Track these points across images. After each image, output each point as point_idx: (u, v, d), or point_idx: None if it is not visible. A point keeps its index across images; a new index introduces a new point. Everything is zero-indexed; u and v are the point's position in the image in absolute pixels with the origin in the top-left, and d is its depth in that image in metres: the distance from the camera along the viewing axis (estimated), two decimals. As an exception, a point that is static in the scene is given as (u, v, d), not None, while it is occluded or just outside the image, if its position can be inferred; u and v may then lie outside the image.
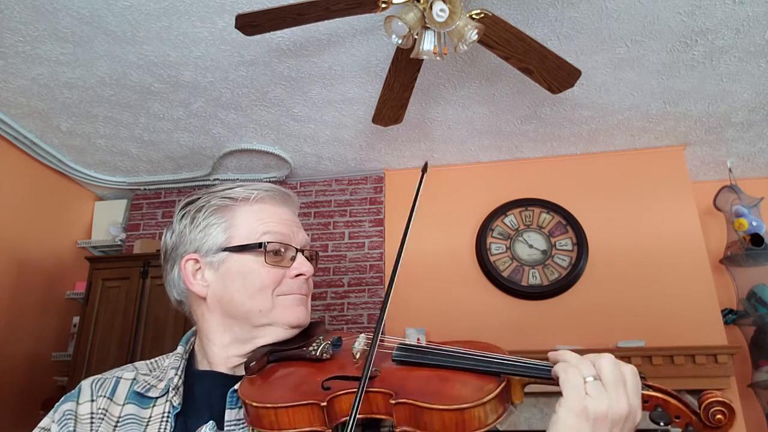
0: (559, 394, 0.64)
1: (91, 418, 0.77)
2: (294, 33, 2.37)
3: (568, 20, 2.30)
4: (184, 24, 2.32)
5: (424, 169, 0.74)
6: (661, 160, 3.36)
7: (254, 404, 0.69)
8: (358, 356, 0.76)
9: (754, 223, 3.16)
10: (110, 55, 2.52)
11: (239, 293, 0.81)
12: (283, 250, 0.83)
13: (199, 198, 0.87)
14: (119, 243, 3.81)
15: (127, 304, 3.13)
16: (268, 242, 0.81)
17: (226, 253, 0.82)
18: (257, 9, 1.93)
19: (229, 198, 0.85)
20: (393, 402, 0.65)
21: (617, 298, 3.13)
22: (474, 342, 0.77)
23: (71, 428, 0.76)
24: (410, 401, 0.65)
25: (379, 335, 0.70)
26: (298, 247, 0.85)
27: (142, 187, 3.86)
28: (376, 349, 0.69)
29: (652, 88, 2.78)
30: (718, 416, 0.63)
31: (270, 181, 4.05)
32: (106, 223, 3.88)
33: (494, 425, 0.64)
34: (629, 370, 0.64)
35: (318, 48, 2.48)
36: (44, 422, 0.79)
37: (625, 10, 2.25)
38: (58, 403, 0.80)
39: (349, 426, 0.60)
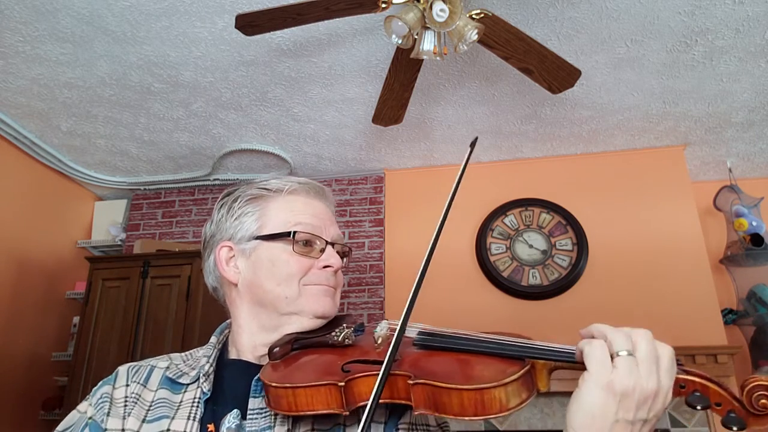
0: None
1: (125, 401, 0.80)
2: (294, 33, 2.37)
3: (568, 20, 2.30)
4: (184, 24, 2.32)
5: (473, 144, 0.73)
6: (661, 160, 3.36)
7: (273, 384, 0.69)
8: (380, 341, 0.76)
9: (754, 223, 3.16)
10: (110, 55, 2.52)
11: (267, 280, 0.83)
12: (312, 241, 0.85)
13: (237, 189, 0.91)
14: (119, 243, 3.81)
15: (127, 304, 3.13)
16: (297, 232, 0.84)
17: (258, 241, 0.85)
18: (257, 9, 1.93)
19: (264, 188, 0.88)
20: (411, 383, 0.64)
21: (617, 298, 3.13)
22: (502, 332, 0.75)
23: (106, 410, 0.79)
24: (428, 382, 0.63)
25: (408, 319, 0.69)
26: (329, 240, 0.87)
27: (142, 187, 3.86)
28: (404, 332, 0.67)
29: (652, 88, 2.78)
30: (763, 401, 0.58)
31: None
32: (106, 223, 3.88)
33: (517, 410, 0.62)
34: (666, 351, 0.61)
35: (318, 48, 2.48)
36: (81, 405, 0.82)
37: (625, 10, 2.25)
38: (95, 388, 0.83)
39: (370, 408, 0.59)
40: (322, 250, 0.86)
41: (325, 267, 0.85)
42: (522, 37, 2.04)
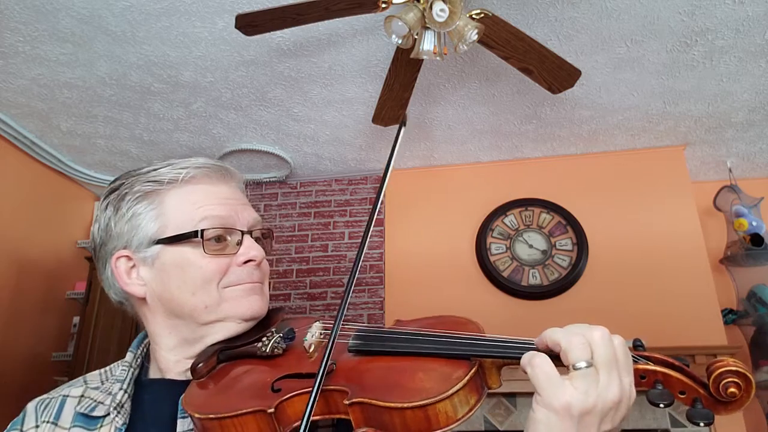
0: None
1: None
2: (294, 33, 2.37)
3: (568, 20, 2.30)
4: (184, 24, 2.32)
5: (403, 123, 0.63)
6: (661, 160, 3.36)
7: (196, 415, 0.62)
8: (311, 349, 0.68)
9: (754, 223, 3.16)
10: (110, 55, 2.52)
11: (180, 290, 0.72)
12: (225, 235, 0.73)
13: (122, 183, 0.76)
14: (119, 243, 3.81)
15: (127, 304, 3.13)
16: (205, 229, 0.71)
17: (160, 246, 0.72)
18: (257, 9, 1.93)
19: (155, 181, 0.74)
20: (347, 402, 0.57)
21: (617, 298, 3.13)
22: (449, 317, 0.68)
23: None
24: (366, 400, 0.56)
25: (338, 328, 0.60)
26: (245, 230, 0.75)
27: (142, 187, 3.86)
28: (334, 342, 0.59)
29: (652, 88, 2.78)
30: (732, 389, 0.52)
31: (270, 182, 4.04)
32: (106, 223, 3.88)
33: (467, 418, 0.55)
34: (618, 343, 0.53)
35: (318, 48, 2.48)
36: None
37: (625, 10, 2.25)
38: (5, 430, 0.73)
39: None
40: (239, 243, 0.74)
41: (246, 262, 0.74)
42: (522, 37, 2.04)
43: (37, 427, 0.72)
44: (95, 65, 2.59)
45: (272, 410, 0.59)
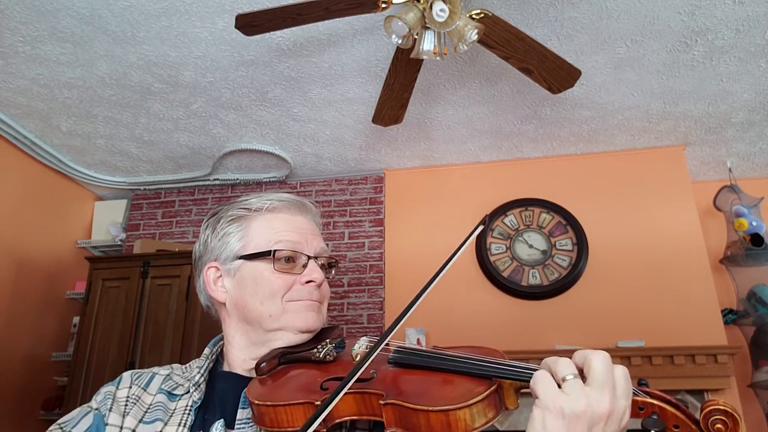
0: None
1: (126, 401, 0.84)
2: (294, 33, 2.37)
3: (568, 20, 2.30)
4: (184, 24, 2.32)
5: (484, 222, 0.77)
6: (661, 160, 3.36)
7: (256, 402, 0.72)
8: (357, 358, 0.77)
9: (754, 223, 3.16)
10: (110, 55, 2.52)
11: (252, 298, 0.85)
12: (294, 257, 0.86)
13: (221, 209, 0.93)
14: (119, 243, 3.81)
15: (127, 304, 3.13)
16: (277, 250, 0.85)
17: (241, 260, 0.87)
18: (257, 9, 1.93)
19: (245, 208, 0.89)
20: (382, 403, 0.66)
21: (617, 298, 3.13)
22: (479, 347, 0.76)
23: (109, 406, 0.83)
24: (398, 402, 0.65)
25: (386, 340, 0.70)
26: (311, 255, 0.88)
27: (142, 187, 3.86)
28: (376, 352, 0.68)
29: (652, 88, 2.78)
30: (718, 425, 0.60)
31: (270, 182, 4.03)
32: (106, 223, 3.88)
33: (484, 427, 0.63)
34: (620, 372, 0.62)
35: (318, 48, 2.48)
36: (90, 403, 0.87)
37: (625, 10, 2.25)
38: (101, 388, 0.88)
39: (319, 415, 0.61)
40: (305, 266, 0.87)
41: (307, 282, 0.86)
42: (522, 37, 2.04)
43: (129, 387, 0.86)
44: (95, 65, 2.59)
45: (318, 403, 0.68)
